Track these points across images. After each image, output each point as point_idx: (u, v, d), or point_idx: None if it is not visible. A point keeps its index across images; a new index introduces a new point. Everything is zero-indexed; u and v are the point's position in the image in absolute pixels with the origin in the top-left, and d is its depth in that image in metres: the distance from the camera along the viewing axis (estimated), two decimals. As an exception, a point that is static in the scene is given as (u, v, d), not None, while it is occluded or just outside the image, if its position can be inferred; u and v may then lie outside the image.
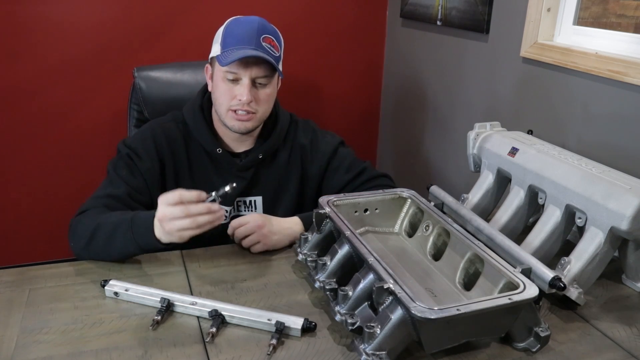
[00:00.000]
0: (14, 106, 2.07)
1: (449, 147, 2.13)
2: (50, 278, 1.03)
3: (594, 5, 1.54)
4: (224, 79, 1.19)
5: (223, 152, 1.27)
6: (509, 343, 0.88)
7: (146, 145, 1.24)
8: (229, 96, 1.20)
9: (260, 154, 1.29)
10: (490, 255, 0.91)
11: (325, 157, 1.35)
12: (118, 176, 1.20)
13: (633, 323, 0.97)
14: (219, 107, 1.23)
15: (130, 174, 1.21)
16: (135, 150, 1.23)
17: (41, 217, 2.25)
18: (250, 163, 1.29)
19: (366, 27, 2.45)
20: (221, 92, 1.21)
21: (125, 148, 1.24)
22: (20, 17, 1.97)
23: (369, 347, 0.78)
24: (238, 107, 1.19)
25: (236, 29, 1.20)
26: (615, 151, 1.38)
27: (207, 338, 0.87)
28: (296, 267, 1.10)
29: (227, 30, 1.21)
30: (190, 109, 1.29)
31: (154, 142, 1.25)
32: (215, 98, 1.24)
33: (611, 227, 0.97)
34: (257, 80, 1.19)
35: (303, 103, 2.43)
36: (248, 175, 1.29)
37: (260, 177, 1.31)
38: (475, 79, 1.92)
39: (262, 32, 1.18)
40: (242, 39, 1.17)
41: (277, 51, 1.21)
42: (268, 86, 1.22)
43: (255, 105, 1.20)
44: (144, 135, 1.26)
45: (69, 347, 0.84)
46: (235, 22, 1.22)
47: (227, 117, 1.22)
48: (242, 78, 1.18)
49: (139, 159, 1.22)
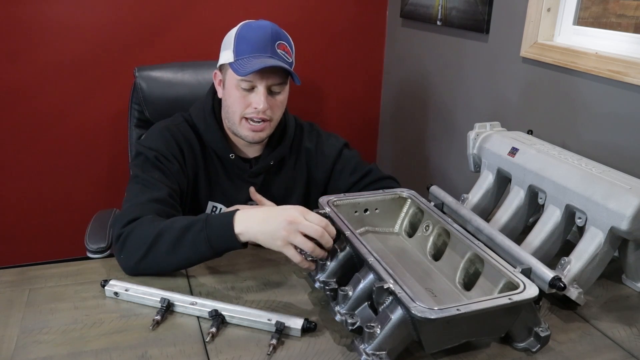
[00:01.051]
0: (14, 106, 2.07)
1: (449, 147, 2.13)
2: (50, 278, 1.03)
3: (594, 5, 1.54)
4: (238, 87, 1.17)
5: (235, 158, 1.26)
6: (509, 343, 0.88)
7: (170, 147, 1.20)
8: (243, 104, 1.18)
9: (271, 160, 1.29)
10: (490, 255, 0.91)
11: (330, 160, 1.34)
12: (153, 178, 1.12)
13: (633, 323, 0.97)
14: (232, 115, 1.21)
15: (163, 176, 1.15)
16: (162, 151, 1.18)
17: (41, 217, 2.25)
18: (261, 169, 1.29)
19: (366, 27, 2.45)
20: (234, 100, 1.19)
21: (149, 150, 1.17)
22: (20, 17, 1.97)
23: (369, 347, 0.78)
24: (253, 115, 1.18)
25: (249, 35, 1.17)
26: (615, 151, 1.38)
27: (207, 338, 0.87)
28: (296, 267, 1.10)
29: (239, 37, 1.17)
30: (201, 113, 1.26)
31: (176, 143, 1.21)
32: (227, 106, 1.22)
33: (611, 227, 0.97)
34: (272, 87, 1.18)
35: (303, 103, 2.43)
36: (258, 181, 1.29)
37: (270, 182, 1.31)
38: (476, 79, 1.92)
39: (276, 38, 1.16)
40: (258, 46, 1.15)
41: (290, 57, 1.20)
42: (282, 93, 1.21)
43: (270, 112, 1.19)
44: (164, 136, 1.21)
45: (69, 347, 0.84)
46: (247, 28, 1.18)
47: (241, 126, 1.20)
48: (258, 86, 1.16)
49: (167, 161, 1.17)
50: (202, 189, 1.27)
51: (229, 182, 1.28)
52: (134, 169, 1.16)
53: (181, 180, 1.19)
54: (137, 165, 1.16)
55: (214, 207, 1.29)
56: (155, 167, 1.15)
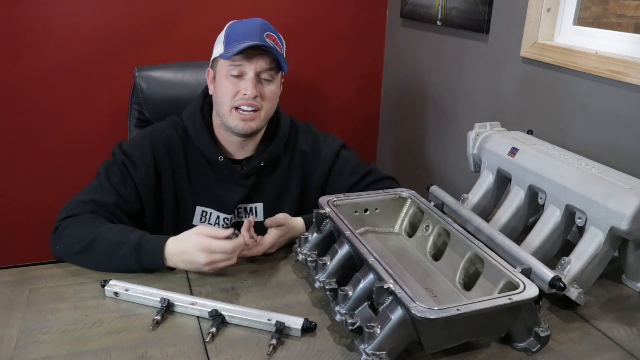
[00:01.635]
0: (14, 106, 2.07)
1: (449, 147, 2.13)
2: (50, 278, 1.03)
3: (594, 5, 1.54)
4: (227, 75, 1.18)
5: (224, 160, 1.24)
6: (509, 343, 0.88)
7: (143, 153, 1.21)
8: (232, 92, 1.18)
9: (262, 161, 1.27)
10: (490, 255, 0.91)
11: (327, 161, 1.33)
12: (109, 182, 1.17)
13: (633, 323, 0.97)
14: (222, 106, 1.20)
15: (121, 182, 1.18)
16: (131, 157, 1.20)
17: (41, 217, 2.25)
18: (252, 171, 1.27)
19: (366, 27, 2.45)
20: (224, 89, 1.19)
21: (121, 154, 1.20)
22: (20, 17, 1.97)
23: (369, 347, 0.78)
24: (242, 102, 1.17)
25: (238, 27, 1.20)
26: (615, 151, 1.38)
27: (207, 338, 0.87)
28: (296, 267, 1.10)
29: (229, 30, 1.20)
30: (190, 115, 1.26)
31: (151, 150, 1.22)
32: (217, 97, 1.21)
33: (611, 227, 0.97)
34: (261, 74, 1.18)
35: (303, 103, 2.43)
36: (249, 183, 1.27)
37: (262, 183, 1.29)
38: (476, 79, 1.92)
39: (265, 29, 1.18)
40: (246, 34, 1.16)
41: (280, 49, 1.20)
42: (272, 82, 1.21)
43: (261, 100, 1.19)
44: (142, 142, 1.23)
45: (69, 347, 0.84)
46: (237, 23, 1.22)
47: (231, 117, 1.19)
48: (247, 72, 1.17)
49: (133, 167, 1.19)
50: (186, 195, 1.25)
51: (219, 185, 1.26)
52: (103, 166, 1.21)
53: (147, 187, 1.20)
54: (104, 164, 1.21)
55: (204, 212, 1.27)
56: (119, 171, 1.19)
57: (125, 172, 1.19)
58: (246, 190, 1.27)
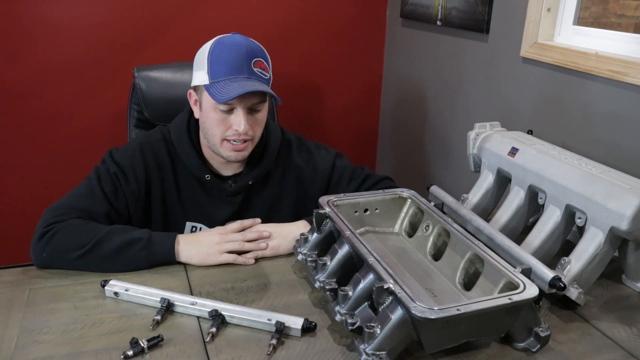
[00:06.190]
0: (14, 106, 2.07)
1: (449, 147, 2.13)
2: (50, 278, 1.03)
3: (594, 5, 1.54)
4: (216, 109, 1.14)
5: (212, 179, 1.23)
6: (509, 343, 0.88)
7: (135, 166, 1.19)
8: (223, 127, 1.15)
9: (250, 180, 1.25)
10: (490, 255, 0.91)
11: (325, 174, 1.31)
12: (102, 191, 1.15)
13: (633, 323, 0.97)
14: (212, 137, 1.17)
15: (113, 194, 1.16)
16: (123, 169, 1.18)
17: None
18: (240, 189, 1.25)
19: (366, 27, 2.45)
20: (213, 122, 1.15)
21: (113, 165, 1.18)
22: (20, 17, 1.97)
23: (369, 347, 0.78)
24: (234, 137, 1.15)
25: (223, 55, 1.13)
26: (615, 151, 1.38)
27: (207, 338, 0.87)
28: (296, 267, 1.10)
29: (212, 57, 1.14)
30: (177, 131, 1.23)
31: (143, 163, 1.20)
32: (206, 127, 1.18)
33: (611, 227, 0.97)
34: (251, 107, 1.15)
35: (302, 103, 2.43)
36: (238, 200, 1.25)
37: (251, 200, 1.27)
38: (475, 79, 1.92)
39: (251, 56, 1.13)
40: (232, 67, 1.12)
41: (267, 73, 1.16)
42: (262, 110, 1.18)
43: (252, 132, 1.16)
44: (134, 154, 1.20)
45: (69, 347, 0.84)
46: (220, 47, 1.15)
47: (223, 148, 1.17)
48: (237, 108, 1.13)
49: (125, 179, 1.18)
50: (176, 211, 1.24)
51: (207, 201, 1.24)
52: (94, 172, 1.18)
53: (137, 200, 1.19)
54: (97, 171, 1.18)
55: (194, 228, 1.26)
56: (111, 181, 1.17)
57: (117, 184, 1.17)
58: (235, 207, 1.25)
